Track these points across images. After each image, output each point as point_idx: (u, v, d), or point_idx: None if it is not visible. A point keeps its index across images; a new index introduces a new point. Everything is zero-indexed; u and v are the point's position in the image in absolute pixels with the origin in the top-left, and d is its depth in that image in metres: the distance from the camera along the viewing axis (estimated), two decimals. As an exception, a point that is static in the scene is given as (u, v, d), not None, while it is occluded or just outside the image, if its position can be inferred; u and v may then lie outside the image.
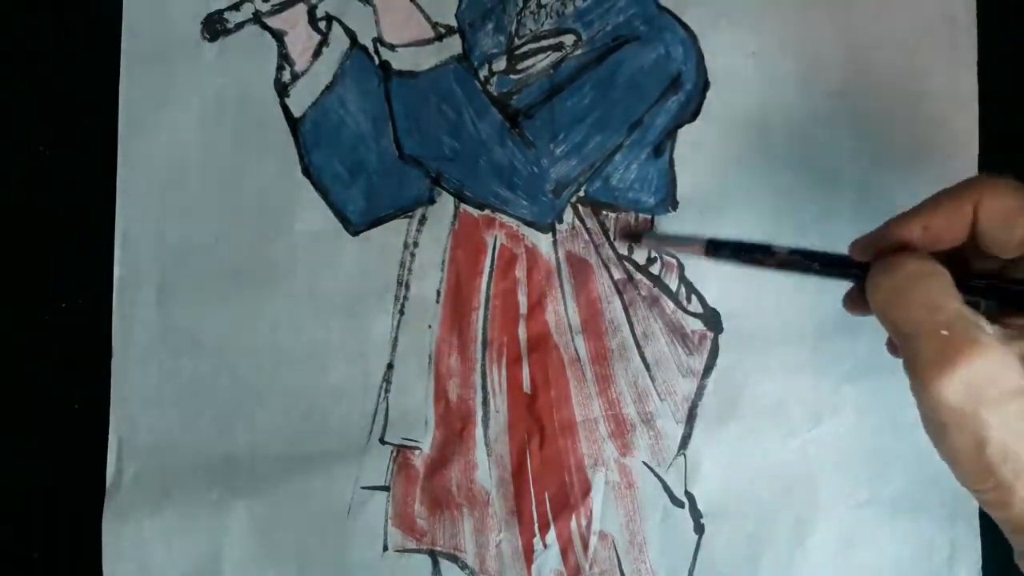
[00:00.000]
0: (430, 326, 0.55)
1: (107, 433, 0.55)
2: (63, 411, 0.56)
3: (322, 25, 0.56)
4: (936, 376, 0.32)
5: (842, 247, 0.55)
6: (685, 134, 0.55)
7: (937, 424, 0.33)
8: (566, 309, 0.55)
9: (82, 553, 0.55)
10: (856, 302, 0.43)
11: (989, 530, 0.55)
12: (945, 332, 0.33)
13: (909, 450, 0.55)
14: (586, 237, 0.55)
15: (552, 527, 0.54)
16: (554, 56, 0.55)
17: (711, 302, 0.55)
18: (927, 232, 0.38)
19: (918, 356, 0.33)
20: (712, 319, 0.55)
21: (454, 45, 0.56)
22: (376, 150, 0.56)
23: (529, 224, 0.55)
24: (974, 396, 0.32)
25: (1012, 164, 0.56)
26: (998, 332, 0.33)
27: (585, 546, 0.54)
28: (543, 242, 0.55)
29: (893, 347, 0.44)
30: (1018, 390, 0.32)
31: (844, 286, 0.55)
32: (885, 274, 0.36)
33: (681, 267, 0.55)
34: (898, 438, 0.55)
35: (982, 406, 0.32)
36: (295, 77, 0.55)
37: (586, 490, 0.54)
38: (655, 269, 0.55)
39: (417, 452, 0.55)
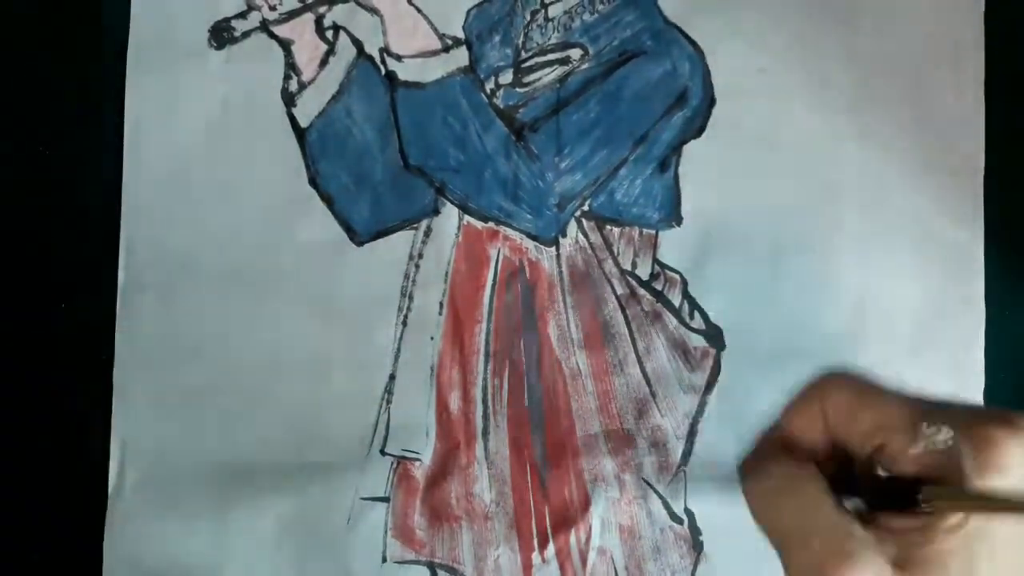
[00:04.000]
0: (432, 338, 0.55)
1: (109, 439, 0.55)
2: (65, 416, 0.56)
3: (329, 35, 0.56)
4: None
5: (845, 264, 0.55)
6: (691, 150, 0.55)
7: None
8: (568, 323, 0.55)
9: (82, 558, 0.55)
10: None
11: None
12: (817, 542, 0.31)
13: (909, 470, 0.55)
14: (589, 251, 0.55)
15: (551, 542, 0.54)
16: (561, 70, 0.55)
17: (714, 318, 0.55)
18: (791, 441, 0.37)
19: (792, 565, 0.32)
20: (714, 335, 0.55)
21: (461, 57, 0.56)
22: (382, 160, 0.56)
23: (532, 238, 0.55)
24: None
25: (1017, 183, 0.56)
26: (870, 538, 0.32)
27: (584, 562, 0.54)
28: (546, 256, 0.55)
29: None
30: None
31: (846, 301, 0.55)
32: (757, 480, 0.35)
33: (684, 283, 0.55)
34: (898, 458, 0.55)
35: None
36: (302, 87, 0.55)
37: (585, 505, 0.54)
38: (658, 284, 0.55)
39: (417, 464, 0.55)
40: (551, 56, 0.55)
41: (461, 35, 0.56)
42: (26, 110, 0.57)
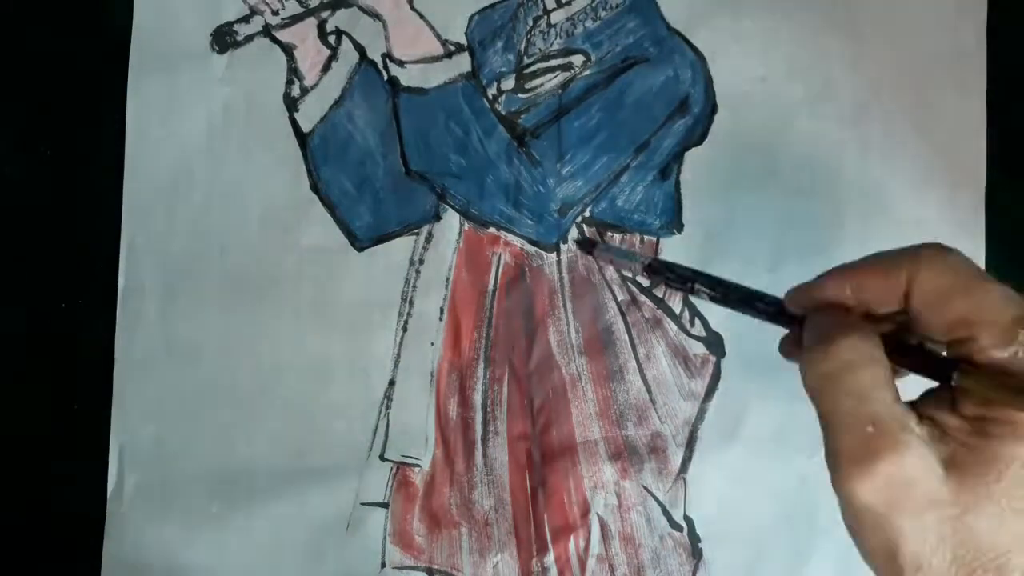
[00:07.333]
0: (433, 343, 0.55)
1: (108, 441, 0.55)
2: (64, 419, 0.56)
3: (332, 40, 0.56)
4: (854, 474, 0.30)
5: (846, 273, 0.55)
6: (692, 157, 0.55)
7: (851, 521, 0.31)
8: (569, 329, 0.55)
9: (82, 561, 0.55)
10: (791, 350, 0.38)
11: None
12: (871, 428, 0.30)
13: (909, 479, 0.55)
14: (590, 258, 0.55)
15: (550, 549, 0.54)
16: (563, 76, 0.55)
17: (714, 326, 0.55)
18: (860, 294, 0.34)
19: (839, 448, 0.30)
20: (715, 343, 0.55)
21: (463, 63, 0.56)
22: (383, 166, 0.56)
23: (534, 243, 0.55)
24: (890, 500, 0.29)
25: (1019, 194, 0.56)
26: (926, 432, 0.31)
27: (583, 569, 0.54)
28: (548, 262, 0.55)
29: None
30: (936, 501, 0.29)
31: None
32: (820, 356, 0.32)
33: (685, 290, 0.55)
34: (898, 466, 0.55)
35: (897, 512, 0.29)
36: (304, 91, 0.55)
37: (585, 512, 0.54)
38: (659, 291, 0.55)
39: (417, 469, 0.55)
40: (553, 62, 0.55)
41: (463, 41, 0.56)
42: (27, 111, 0.57)
